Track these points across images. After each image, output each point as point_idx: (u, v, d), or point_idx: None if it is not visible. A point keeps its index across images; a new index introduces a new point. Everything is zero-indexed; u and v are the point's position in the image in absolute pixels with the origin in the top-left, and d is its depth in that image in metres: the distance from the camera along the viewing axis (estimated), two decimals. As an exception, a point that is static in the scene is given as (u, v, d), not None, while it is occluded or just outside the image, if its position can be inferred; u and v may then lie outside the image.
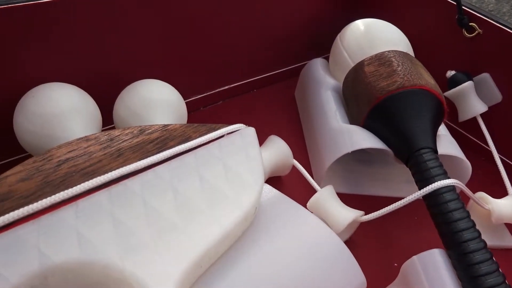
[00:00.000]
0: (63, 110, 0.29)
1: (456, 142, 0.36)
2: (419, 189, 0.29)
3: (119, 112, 0.33)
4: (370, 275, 0.26)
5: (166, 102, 0.33)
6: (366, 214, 0.31)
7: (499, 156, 0.38)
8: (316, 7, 0.49)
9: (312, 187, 0.34)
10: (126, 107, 0.33)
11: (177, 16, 0.38)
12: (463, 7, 0.40)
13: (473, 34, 0.40)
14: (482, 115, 0.40)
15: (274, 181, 0.37)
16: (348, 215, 0.30)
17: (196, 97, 0.45)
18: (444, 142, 0.34)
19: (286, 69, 0.52)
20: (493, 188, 0.36)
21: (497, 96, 0.40)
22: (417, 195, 0.28)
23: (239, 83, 0.48)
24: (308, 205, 0.32)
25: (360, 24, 0.41)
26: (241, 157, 0.25)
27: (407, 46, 0.40)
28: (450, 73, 0.41)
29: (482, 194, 0.34)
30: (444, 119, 0.35)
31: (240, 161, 0.25)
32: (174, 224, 0.21)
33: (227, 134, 0.26)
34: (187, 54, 0.41)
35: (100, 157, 0.23)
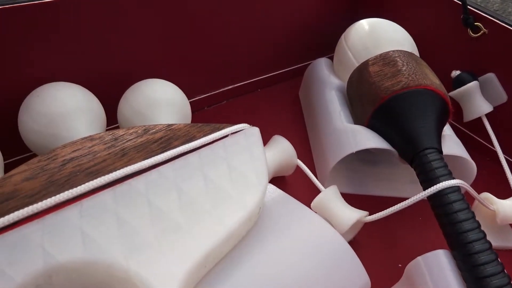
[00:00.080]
0: (67, 110, 0.29)
1: (461, 143, 0.36)
2: (424, 189, 0.29)
3: (123, 112, 0.33)
4: (374, 276, 0.26)
5: (170, 102, 0.33)
6: (370, 215, 0.31)
7: (504, 157, 0.38)
8: (321, 6, 0.49)
9: (316, 187, 0.34)
10: (131, 106, 0.33)
11: (181, 16, 0.38)
12: (468, 7, 0.40)
13: (479, 34, 0.40)
14: (487, 115, 0.40)
15: (278, 181, 0.37)
16: (352, 216, 0.30)
17: (200, 97, 0.45)
18: (449, 142, 0.34)
19: (290, 68, 0.52)
20: (498, 188, 0.36)
21: (503, 96, 0.40)
22: (421, 196, 0.28)
23: (243, 83, 0.48)
24: (312, 205, 0.32)
25: (364, 24, 0.41)
26: (245, 157, 0.25)
27: (412, 45, 0.40)
28: (455, 73, 0.41)
29: (487, 195, 0.33)
30: (449, 119, 0.35)
31: (244, 161, 0.25)
32: (178, 224, 0.21)
33: (231, 134, 0.26)
34: (191, 54, 0.41)
35: (105, 157, 0.23)
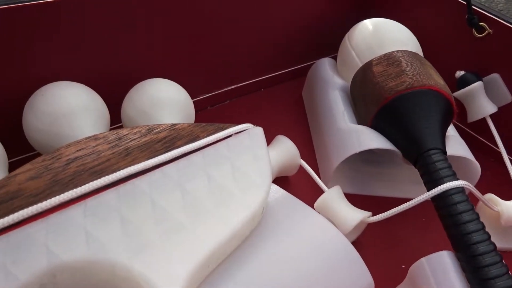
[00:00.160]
0: (71, 109, 0.29)
1: (465, 143, 0.35)
2: (428, 190, 0.29)
3: (127, 111, 0.33)
4: (377, 277, 0.26)
5: (174, 101, 0.33)
6: (373, 215, 0.31)
7: (509, 157, 0.38)
8: (324, 6, 0.49)
9: (319, 187, 0.34)
10: (134, 106, 0.33)
11: (185, 15, 0.38)
12: (473, 7, 0.40)
13: (483, 34, 0.40)
14: (492, 116, 0.40)
15: (281, 181, 0.37)
16: (356, 216, 0.30)
17: (203, 96, 0.45)
18: (453, 143, 0.34)
19: (294, 68, 0.52)
20: (502, 189, 0.35)
21: (507, 97, 0.40)
22: (425, 196, 0.28)
23: (247, 83, 0.48)
24: (315, 205, 0.32)
25: (368, 24, 0.41)
26: (249, 157, 0.25)
27: (416, 46, 0.40)
28: (459, 73, 0.41)
29: (491, 196, 0.33)
30: (453, 120, 0.35)
31: (248, 161, 0.25)
32: (182, 223, 0.21)
33: (235, 133, 0.26)
34: (194, 53, 0.41)
35: (109, 156, 0.23)
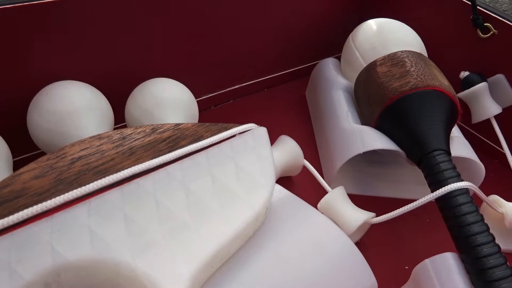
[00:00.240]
0: (76, 108, 0.29)
1: (469, 144, 0.35)
2: (432, 191, 0.29)
3: (131, 111, 0.33)
4: (381, 278, 0.26)
5: (178, 101, 0.33)
6: (377, 216, 0.31)
7: (513, 159, 0.37)
8: (328, 6, 0.49)
9: (322, 188, 0.34)
10: (138, 105, 0.33)
11: (189, 15, 0.38)
12: (478, 7, 0.39)
13: (488, 35, 0.40)
14: (496, 117, 0.39)
15: (284, 181, 0.37)
16: (359, 217, 0.30)
17: (207, 96, 0.45)
18: (457, 144, 0.34)
19: (297, 68, 0.52)
20: (506, 191, 0.35)
21: (512, 98, 0.40)
22: (429, 198, 0.28)
23: (250, 82, 0.48)
24: (318, 206, 0.32)
25: (372, 24, 0.41)
26: (252, 157, 0.25)
27: (420, 46, 0.40)
28: (463, 74, 0.41)
29: (495, 197, 0.33)
30: (457, 121, 0.34)
31: (251, 161, 0.25)
32: (185, 223, 0.21)
33: (239, 133, 0.26)
34: (198, 53, 0.41)
35: (113, 156, 0.23)
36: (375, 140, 0.33)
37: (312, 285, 0.23)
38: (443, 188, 0.28)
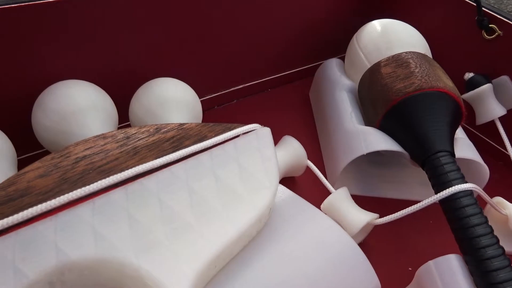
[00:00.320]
0: (80, 107, 0.30)
1: (473, 146, 0.35)
2: (436, 193, 0.29)
3: (135, 110, 0.33)
4: (384, 279, 0.26)
5: (182, 101, 0.33)
6: (380, 217, 0.30)
7: (517, 161, 0.37)
8: (333, 6, 0.49)
9: (326, 189, 0.34)
10: (142, 105, 0.33)
11: (192, 15, 0.38)
12: (483, 8, 0.39)
13: (493, 36, 0.39)
14: (501, 118, 0.39)
15: (287, 181, 0.37)
16: (363, 218, 0.30)
17: (211, 96, 0.45)
18: (462, 146, 0.34)
19: (301, 68, 0.52)
20: (510, 193, 0.35)
21: (517, 100, 0.39)
22: (433, 199, 0.28)
23: (254, 83, 0.48)
24: (322, 206, 0.32)
25: (377, 25, 0.41)
26: (256, 158, 0.25)
27: (425, 47, 0.40)
28: (468, 75, 0.41)
29: (499, 199, 0.33)
30: (461, 122, 0.34)
31: (255, 162, 0.25)
32: (189, 223, 0.21)
33: (243, 134, 0.26)
34: (202, 53, 0.41)
35: (117, 155, 0.23)
36: (378, 141, 0.33)
37: (315, 286, 0.23)
38: (447, 189, 0.28)
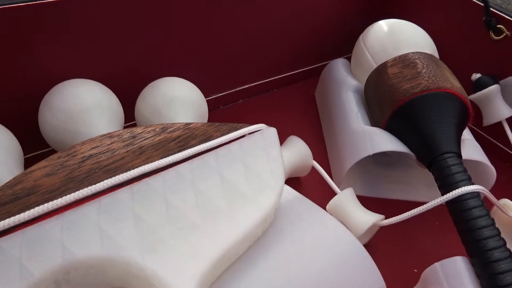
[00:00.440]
0: (86, 106, 0.30)
1: (480, 147, 0.35)
2: (442, 194, 0.28)
3: (141, 109, 0.33)
4: (389, 280, 0.26)
5: (188, 100, 0.33)
6: (386, 218, 0.30)
7: (525, 162, 0.37)
8: (339, 6, 0.49)
9: (331, 189, 0.34)
10: (148, 104, 0.33)
11: (198, 15, 0.38)
12: (490, 9, 0.39)
13: (501, 37, 0.39)
14: (508, 119, 0.39)
15: (293, 182, 0.37)
16: (368, 219, 0.30)
17: (216, 96, 0.45)
18: (468, 147, 0.34)
19: (307, 68, 0.52)
20: (517, 195, 0.35)
21: (524, 101, 0.39)
22: (440, 201, 0.28)
23: (260, 82, 0.48)
24: (327, 207, 0.32)
25: (383, 25, 0.41)
26: (262, 158, 0.25)
27: (432, 47, 0.39)
28: (475, 76, 0.40)
29: (506, 201, 0.33)
30: (468, 123, 0.34)
31: (261, 162, 0.25)
32: (194, 223, 0.21)
33: (249, 134, 0.26)
34: (208, 53, 0.41)
35: (123, 154, 0.23)
36: (385, 141, 0.33)
37: (320, 286, 0.23)
38: (453, 191, 0.27)
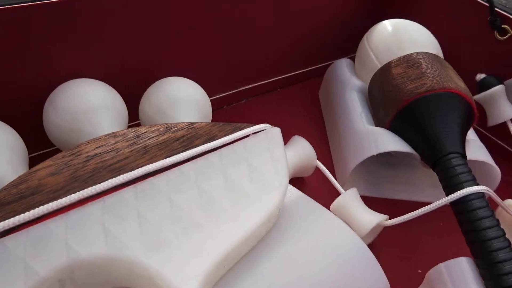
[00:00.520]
0: (91, 106, 0.30)
1: (485, 148, 0.35)
2: (447, 195, 0.28)
3: (145, 109, 0.33)
4: (393, 281, 0.26)
5: (192, 100, 0.33)
6: (390, 219, 0.30)
7: (530, 163, 0.37)
8: (343, 6, 0.49)
9: (335, 189, 0.34)
10: (152, 104, 0.33)
11: (202, 15, 0.38)
12: (495, 9, 0.39)
13: (506, 37, 0.39)
14: (513, 120, 0.39)
15: (297, 182, 0.37)
16: (372, 219, 0.30)
17: (220, 95, 0.45)
18: (473, 147, 0.34)
19: (311, 68, 0.52)
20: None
21: (529, 101, 0.39)
22: (444, 201, 0.28)
23: (263, 82, 0.48)
24: (331, 207, 0.31)
25: (387, 25, 0.41)
26: (266, 158, 0.25)
27: (436, 48, 0.39)
28: (480, 76, 0.40)
29: (511, 202, 0.33)
30: (473, 124, 0.34)
31: (265, 162, 0.25)
32: (198, 223, 0.21)
33: (253, 133, 0.26)
34: (212, 53, 0.41)
35: (127, 154, 0.23)
36: (389, 142, 0.33)
37: (324, 286, 0.23)
38: (458, 192, 0.27)
